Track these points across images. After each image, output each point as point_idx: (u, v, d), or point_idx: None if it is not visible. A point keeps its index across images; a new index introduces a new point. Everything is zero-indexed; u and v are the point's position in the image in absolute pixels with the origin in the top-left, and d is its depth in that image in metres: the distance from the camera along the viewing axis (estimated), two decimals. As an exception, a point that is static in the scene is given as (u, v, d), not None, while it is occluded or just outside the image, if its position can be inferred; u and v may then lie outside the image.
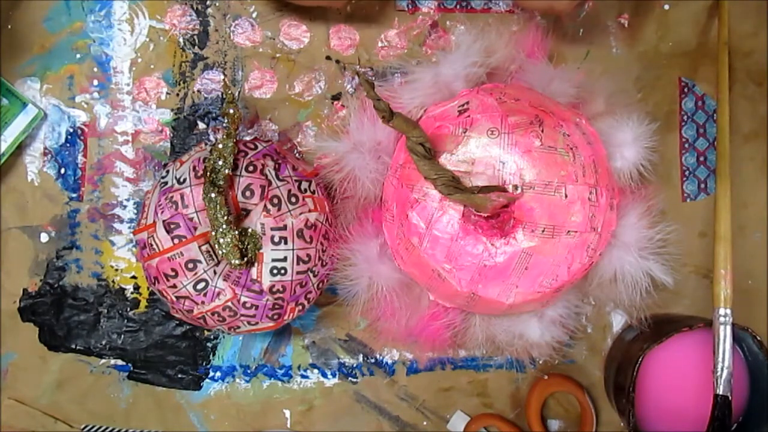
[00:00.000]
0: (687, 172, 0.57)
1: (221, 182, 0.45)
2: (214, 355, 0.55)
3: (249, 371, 0.55)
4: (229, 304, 0.46)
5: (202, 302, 0.46)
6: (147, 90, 0.55)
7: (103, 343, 0.55)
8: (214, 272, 0.46)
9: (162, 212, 0.46)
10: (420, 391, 0.56)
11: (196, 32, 0.55)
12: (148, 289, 0.55)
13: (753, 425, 0.50)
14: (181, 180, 0.46)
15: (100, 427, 0.55)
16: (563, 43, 0.56)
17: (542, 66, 0.50)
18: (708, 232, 0.56)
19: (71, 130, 0.55)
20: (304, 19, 0.55)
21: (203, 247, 0.46)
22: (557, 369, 0.56)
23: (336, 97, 0.55)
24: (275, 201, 0.46)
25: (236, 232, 0.45)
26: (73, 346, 0.55)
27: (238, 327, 0.48)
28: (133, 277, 0.55)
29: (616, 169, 0.49)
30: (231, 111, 0.47)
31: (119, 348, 0.55)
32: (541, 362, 0.56)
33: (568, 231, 0.45)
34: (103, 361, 0.55)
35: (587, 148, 0.46)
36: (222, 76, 0.55)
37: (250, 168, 0.47)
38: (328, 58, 0.55)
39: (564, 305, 0.50)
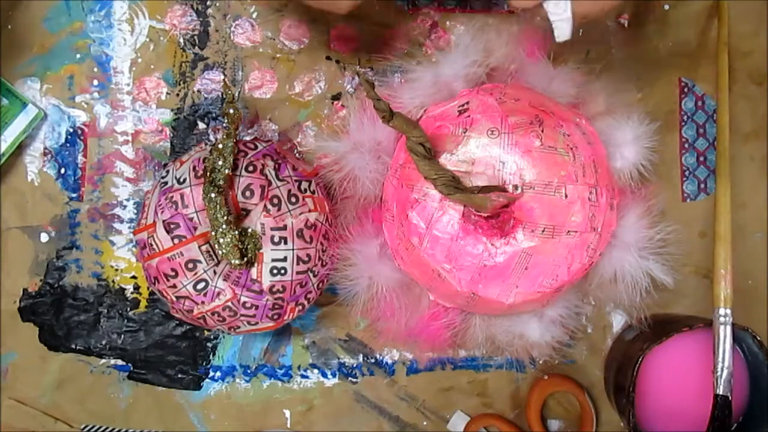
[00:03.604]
0: (687, 172, 0.57)
1: (221, 182, 0.45)
2: (214, 355, 0.55)
3: (249, 371, 0.55)
4: (229, 304, 0.46)
5: (202, 302, 0.46)
6: (147, 90, 0.55)
7: (103, 343, 0.55)
8: (214, 272, 0.46)
9: (162, 212, 0.46)
10: (420, 391, 0.56)
11: (196, 32, 0.55)
12: (148, 289, 0.55)
13: (753, 425, 0.50)
14: (181, 180, 0.46)
15: (100, 427, 0.55)
16: (563, 43, 0.56)
17: (542, 66, 0.50)
18: (708, 232, 0.56)
19: (71, 130, 0.55)
20: (304, 18, 0.55)
21: (203, 247, 0.46)
22: (557, 369, 0.56)
23: (336, 97, 0.55)
24: (275, 201, 0.46)
25: (236, 232, 0.45)
26: (73, 346, 0.55)
27: (238, 327, 0.48)
28: (133, 277, 0.55)
29: (616, 169, 0.49)
30: (231, 111, 0.48)
31: (119, 348, 0.55)
32: (541, 362, 0.56)
33: (568, 231, 0.45)
34: (103, 361, 0.55)
35: (587, 148, 0.46)
36: (222, 76, 0.55)
37: (250, 168, 0.47)
38: (328, 58, 0.55)
39: (564, 305, 0.50)
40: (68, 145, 0.55)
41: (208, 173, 0.45)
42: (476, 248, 0.45)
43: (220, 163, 0.45)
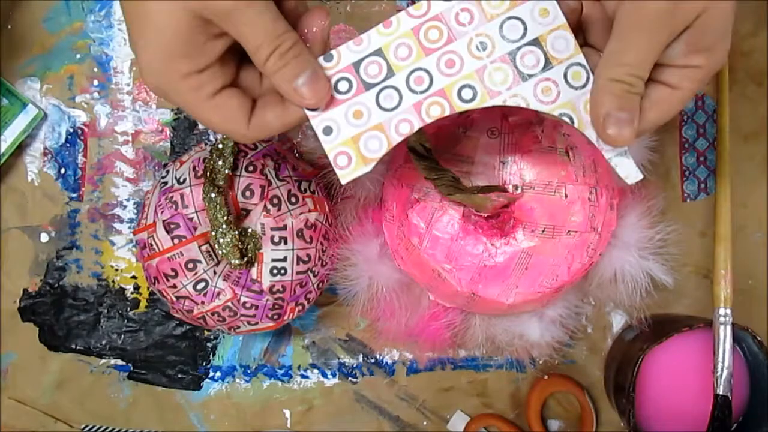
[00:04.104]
0: (687, 172, 0.57)
1: (221, 182, 0.45)
2: (214, 355, 0.55)
3: (249, 371, 0.55)
4: (229, 304, 0.46)
5: (202, 302, 0.46)
6: (147, 90, 0.55)
7: (103, 343, 0.55)
8: (214, 272, 0.46)
9: (162, 212, 0.46)
10: (420, 391, 0.56)
11: (196, 32, 0.55)
12: (148, 289, 0.55)
13: (753, 425, 0.50)
14: (181, 180, 0.46)
15: (100, 427, 0.55)
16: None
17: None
18: (708, 232, 0.56)
19: (71, 130, 0.55)
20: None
21: (203, 247, 0.46)
22: (557, 369, 0.56)
23: (336, 97, 0.55)
24: (275, 201, 0.46)
25: (236, 232, 0.45)
26: (73, 346, 0.55)
27: (238, 327, 0.48)
28: (133, 277, 0.55)
29: (617, 169, 0.49)
30: (231, 111, 0.47)
31: (119, 348, 0.55)
32: (541, 362, 0.56)
33: (568, 231, 0.45)
34: (103, 361, 0.55)
35: (587, 148, 0.46)
36: (222, 76, 0.55)
37: (250, 168, 0.47)
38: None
39: (564, 305, 0.50)
40: (68, 145, 0.55)
41: (208, 173, 0.45)
42: (476, 248, 0.45)
43: (220, 163, 0.45)
